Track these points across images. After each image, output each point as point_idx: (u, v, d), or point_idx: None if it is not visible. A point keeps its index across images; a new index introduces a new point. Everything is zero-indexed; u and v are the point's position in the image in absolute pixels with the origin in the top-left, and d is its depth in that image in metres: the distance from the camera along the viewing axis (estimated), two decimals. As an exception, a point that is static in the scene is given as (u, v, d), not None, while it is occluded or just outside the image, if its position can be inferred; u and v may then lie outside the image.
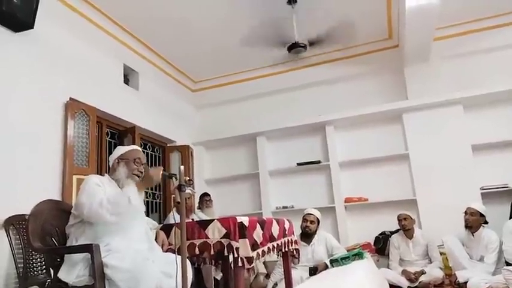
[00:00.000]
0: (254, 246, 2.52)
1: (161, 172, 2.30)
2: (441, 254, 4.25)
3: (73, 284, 2.13)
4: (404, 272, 4.09)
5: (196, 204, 5.15)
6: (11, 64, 3.22)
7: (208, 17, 4.48)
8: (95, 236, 2.20)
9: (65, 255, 2.22)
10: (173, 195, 4.94)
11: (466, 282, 3.59)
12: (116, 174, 2.42)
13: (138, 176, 2.41)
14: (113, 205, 2.14)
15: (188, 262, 2.19)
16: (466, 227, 3.92)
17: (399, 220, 4.39)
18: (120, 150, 2.52)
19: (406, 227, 4.34)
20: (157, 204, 5.41)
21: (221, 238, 2.46)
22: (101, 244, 2.14)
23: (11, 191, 2.99)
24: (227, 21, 4.61)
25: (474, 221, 3.87)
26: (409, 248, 4.34)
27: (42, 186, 3.30)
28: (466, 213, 3.92)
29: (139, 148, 2.63)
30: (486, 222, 3.90)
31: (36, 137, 3.35)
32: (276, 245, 3.00)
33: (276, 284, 3.94)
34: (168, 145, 5.69)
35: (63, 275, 2.15)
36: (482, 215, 3.87)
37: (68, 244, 2.26)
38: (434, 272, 4.05)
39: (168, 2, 4.16)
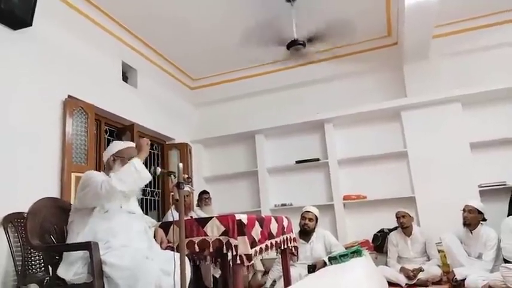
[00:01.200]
0: (253, 243, 2.52)
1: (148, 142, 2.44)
2: (439, 251, 4.26)
3: (71, 281, 2.13)
4: (402, 270, 4.11)
5: (195, 202, 5.15)
6: (10, 62, 3.20)
7: (207, 15, 4.47)
8: (94, 233, 2.20)
9: (64, 252, 2.21)
10: (172, 193, 4.95)
11: (464, 280, 3.60)
12: (112, 172, 2.40)
13: None
14: (121, 174, 2.21)
15: (186, 260, 2.19)
16: (465, 224, 3.92)
17: (397, 218, 4.40)
18: (115, 146, 2.50)
19: (404, 225, 4.35)
20: (156, 202, 5.41)
21: (220, 235, 2.46)
22: (100, 242, 2.14)
23: (10, 189, 2.98)
24: (226, 19, 4.60)
25: (472, 219, 3.87)
26: (408, 246, 4.35)
27: (40, 184, 3.29)
28: (464, 210, 3.93)
29: (134, 146, 2.61)
30: (485, 220, 3.91)
31: (34, 134, 3.34)
32: (274, 243, 3.01)
33: (274, 282, 3.94)
34: (166, 143, 5.70)
35: (61, 272, 2.15)
36: (480, 213, 3.87)
37: (68, 241, 2.25)
38: (433, 270, 4.06)
39: (167, 0, 4.14)
